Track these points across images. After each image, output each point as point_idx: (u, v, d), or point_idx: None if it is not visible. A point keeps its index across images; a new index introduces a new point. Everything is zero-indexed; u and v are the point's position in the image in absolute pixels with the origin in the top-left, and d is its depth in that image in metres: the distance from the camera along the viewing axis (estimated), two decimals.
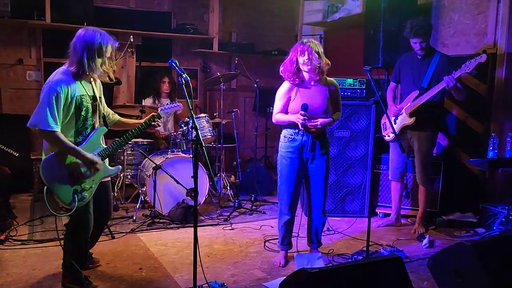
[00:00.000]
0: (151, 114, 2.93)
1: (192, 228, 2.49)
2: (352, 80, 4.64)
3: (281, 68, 3.27)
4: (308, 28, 6.75)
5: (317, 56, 3.11)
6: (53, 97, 2.50)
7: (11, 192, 4.50)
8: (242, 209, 4.76)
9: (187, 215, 4.20)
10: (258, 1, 6.68)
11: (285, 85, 3.29)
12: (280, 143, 3.34)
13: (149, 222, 4.17)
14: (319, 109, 3.21)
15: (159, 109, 3.07)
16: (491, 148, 4.03)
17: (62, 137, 2.56)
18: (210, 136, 4.85)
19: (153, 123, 2.90)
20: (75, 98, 2.59)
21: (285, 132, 3.30)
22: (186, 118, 4.73)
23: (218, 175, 5.17)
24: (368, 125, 4.53)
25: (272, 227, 4.22)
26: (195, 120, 2.47)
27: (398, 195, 4.35)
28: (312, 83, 3.24)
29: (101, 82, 2.84)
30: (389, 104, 4.29)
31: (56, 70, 2.67)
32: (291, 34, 6.83)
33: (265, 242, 3.85)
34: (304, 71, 3.18)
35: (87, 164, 2.64)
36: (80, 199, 2.65)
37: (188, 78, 2.49)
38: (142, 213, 4.41)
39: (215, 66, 6.48)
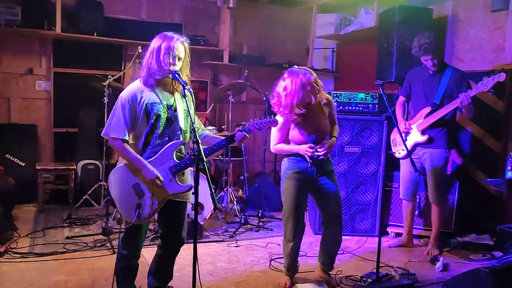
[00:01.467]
0: (237, 129, 2.66)
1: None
2: (364, 94, 4.52)
3: (274, 102, 3.07)
4: (320, 41, 6.67)
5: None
6: (121, 106, 2.47)
7: (13, 203, 4.45)
8: (248, 225, 4.64)
9: (191, 230, 4.08)
10: (270, 13, 6.63)
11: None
12: (283, 164, 3.19)
13: (152, 236, 4.06)
14: (323, 133, 3.10)
15: (247, 124, 2.70)
16: (509, 168, 3.85)
17: (128, 147, 2.49)
18: None
19: (240, 137, 2.62)
20: (144, 105, 2.49)
21: (288, 156, 3.16)
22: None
23: (225, 189, 5.06)
24: (380, 141, 4.40)
25: (278, 245, 4.08)
26: (197, 134, 2.37)
27: (410, 215, 4.19)
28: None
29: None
30: (399, 120, 4.15)
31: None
32: (303, 47, 6.76)
33: (270, 261, 3.72)
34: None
35: (147, 178, 2.49)
36: (142, 215, 2.52)
37: (192, 90, 2.40)
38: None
39: (225, 78, 6.42)
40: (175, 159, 2.55)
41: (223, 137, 2.68)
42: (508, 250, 3.92)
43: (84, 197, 4.71)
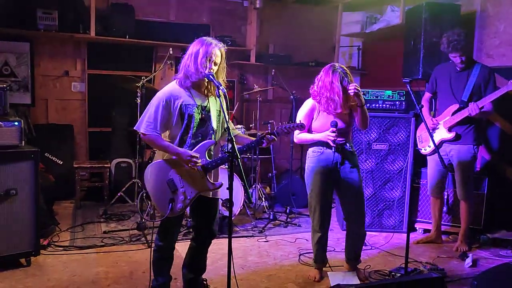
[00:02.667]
0: (266, 132, 2.73)
1: (227, 240, 2.49)
2: (391, 92, 4.54)
3: (317, 91, 3.16)
4: (346, 40, 6.69)
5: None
6: (156, 104, 2.61)
7: (54, 199, 4.67)
8: (277, 221, 4.73)
9: (222, 225, 4.21)
10: (296, 13, 6.69)
11: (308, 104, 3.24)
12: (308, 158, 3.28)
13: (185, 231, 4.21)
14: (344, 125, 3.18)
15: (276, 127, 2.79)
16: None
17: (160, 138, 2.62)
18: None
19: (266, 140, 2.70)
20: (179, 106, 2.61)
21: (313, 148, 3.25)
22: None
23: (254, 186, 5.17)
24: (407, 138, 4.42)
25: (307, 240, 4.16)
26: (231, 132, 2.48)
27: (438, 211, 4.19)
28: None
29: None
30: (425, 116, 4.15)
31: None
32: (329, 46, 6.79)
33: (300, 255, 3.81)
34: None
35: (183, 159, 2.58)
36: (174, 209, 2.66)
37: (225, 91, 2.51)
38: None
39: (252, 78, 6.52)
40: (207, 157, 2.68)
41: (253, 139, 2.79)
42: None
43: (118, 194, 4.90)
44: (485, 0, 4.81)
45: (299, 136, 3.25)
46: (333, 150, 3.13)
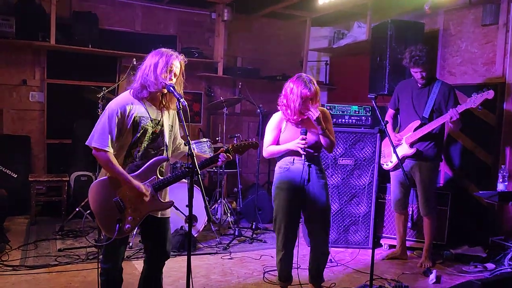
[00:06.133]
0: (221, 149, 2.65)
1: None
2: (357, 107, 4.56)
3: (280, 99, 3.13)
4: (314, 54, 6.74)
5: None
6: (109, 116, 2.43)
7: (6, 215, 4.40)
8: (242, 237, 4.63)
9: (184, 242, 4.07)
10: (264, 27, 6.70)
11: (276, 116, 3.18)
12: (275, 174, 3.22)
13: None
14: (313, 140, 3.10)
15: (231, 145, 2.73)
16: (500, 180, 3.90)
17: (113, 159, 2.44)
18: None
19: (222, 159, 2.62)
20: (133, 117, 2.47)
21: (280, 163, 3.18)
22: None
23: (219, 201, 5.05)
24: (373, 154, 4.43)
25: (272, 257, 4.07)
26: (191, 147, 2.37)
27: (402, 227, 4.20)
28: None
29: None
30: (389, 133, 4.17)
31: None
32: (297, 60, 6.82)
33: (264, 273, 3.71)
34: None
35: (133, 192, 2.46)
36: (122, 230, 2.49)
37: (186, 103, 2.40)
38: (138, 239, 4.27)
39: (220, 90, 6.45)
40: (158, 175, 2.55)
41: (207, 156, 2.69)
42: (501, 262, 3.95)
43: (77, 209, 4.68)
44: (448, 19, 4.93)
45: (268, 149, 3.17)
46: (302, 161, 3.05)
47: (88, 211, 3.86)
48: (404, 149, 4.00)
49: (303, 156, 3.02)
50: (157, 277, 2.73)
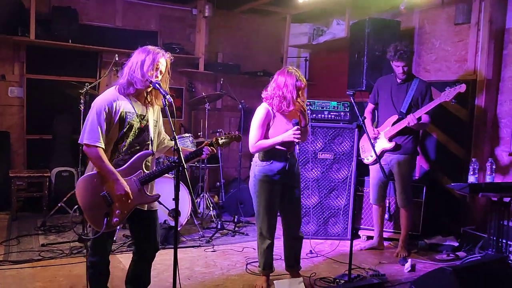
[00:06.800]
0: (205, 143, 2.73)
1: (173, 250, 2.44)
2: (336, 103, 4.68)
3: (270, 93, 3.21)
4: (294, 50, 6.84)
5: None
6: (97, 113, 2.47)
7: None
8: (224, 231, 4.71)
9: (168, 236, 4.14)
10: (245, 23, 6.76)
11: (262, 112, 3.23)
12: (255, 167, 3.29)
13: (129, 242, 4.09)
14: (304, 137, 3.29)
15: (215, 138, 2.80)
16: (471, 173, 4.09)
17: (104, 157, 2.49)
18: None
19: (206, 152, 2.70)
20: (119, 113, 2.52)
21: (261, 157, 3.26)
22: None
23: (201, 195, 5.12)
24: (351, 148, 4.57)
25: (254, 249, 4.17)
26: (177, 142, 2.45)
27: (380, 218, 4.35)
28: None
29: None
30: (368, 127, 4.31)
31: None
32: (277, 56, 6.91)
33: (247, 264, 3.81)
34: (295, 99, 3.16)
35: (117, 193, 2.50)
36: (110, 223, 2.54)
37: (172, 100, 2.47)
38: (122, 233, 4.33)
39: (201, 86, 6.49)
40: (144, 169, 2.61)
41: (191, 150, 2.78)
42: (472, 250, 4.15)
43: (59, 205, 4.68)
44: (423, 18, 5.10)
45: (257, 144, 3.20)
46: (284, 153, 3.20)
47: (76, 206, 3.89)
48: (383, 143, 4.14)
49: (297, 148, 3.16)
50: (147, 269, 2.80)
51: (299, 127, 3.12)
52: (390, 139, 4.10)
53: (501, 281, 2.74)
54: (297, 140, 3.10)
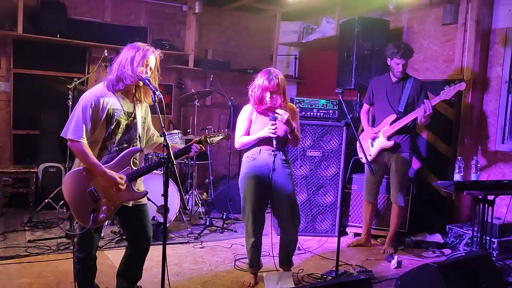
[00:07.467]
0: (194, 140, 2.75)
1: (161, 246, 2.45)
2: (325, 101, 4.72)
3: (249, 92, 3.27)
4: (284, 48, 6.85)
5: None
6: (82, 108, 2.46)
7: None
8: (213, 227, 4.72)
9: (156, 232, 4.12)
10: (235, 20, 6.76)
11: (247, 108, 3.31)
12: (242, 164, 3.33)
13: (117, 239, 4.08)
14: (283, 130, 3.23)
15: (204, 136, 2.83)
16: (457, 171, 4.15)
17: (88, 150, 2.48)
18: None
19: (195, 149, 2.71)
20: (107, 110, 2.50)
21: (247, 153, 3.30)
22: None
23: (190, 192, 5.12)
24: (339, 146, 4.60)
25: (242, 245, 4.16)
26: (167, 138, 2.45)
27: (369, 216, 4.39)
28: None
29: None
30: (365, 127, 4.36)
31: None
32: (267, 53, 6.92)
33: (235, 261, 3.82)
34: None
35: (109, 181, 2.50)
36: (97, 219, 2.53)
37: (162, 96, 2.47)
38: (110, 229, 4.31)
39: (190, 82, 6.48)
40: (132, 165, 2.61)
41: (180, 147, 2.78)
42: (457, 247, 4.22)
43: (46, 201, 4.64)
44: (411, 18, 5.15)
45: (239, 140, 3.27)
46: (269, 151, 3.20)
47: (62, 202, 3.87)
48: (382, 142, 4.18)
49: (274, 143, 3.15)
50: (140, 263, 2.82)
51: (274, 122, 3.13)
52: (389, 138, 4.14)
53: (485, 277, 2.80)
54: (272, 135, 3.12)
